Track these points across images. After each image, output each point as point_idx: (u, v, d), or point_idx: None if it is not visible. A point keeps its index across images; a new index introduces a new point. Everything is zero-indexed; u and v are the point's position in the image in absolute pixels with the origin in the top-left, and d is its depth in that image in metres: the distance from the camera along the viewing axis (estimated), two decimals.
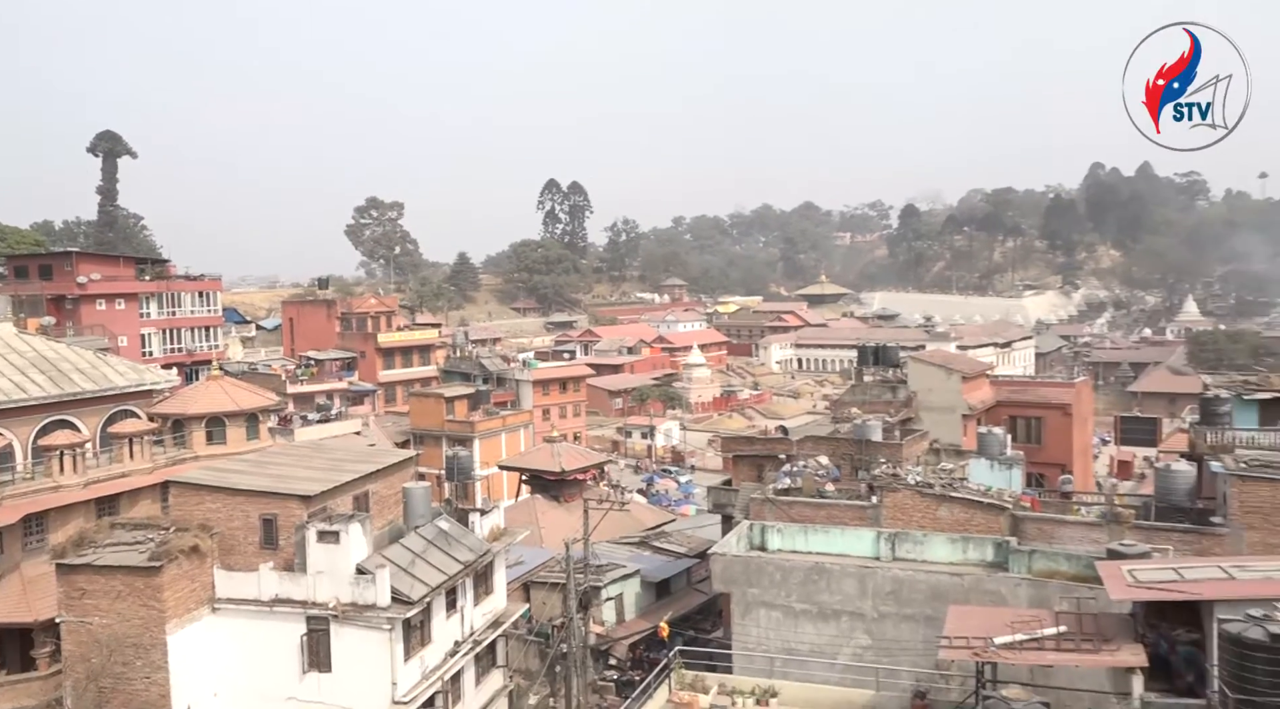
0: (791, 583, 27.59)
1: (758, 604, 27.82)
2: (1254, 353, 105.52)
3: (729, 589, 28.84)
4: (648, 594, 37.81)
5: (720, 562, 28.79)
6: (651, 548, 41.72)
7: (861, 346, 54.18)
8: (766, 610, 27.67)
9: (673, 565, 39.78)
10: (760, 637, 27.55)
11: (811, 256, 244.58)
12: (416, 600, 25.97)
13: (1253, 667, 15.84)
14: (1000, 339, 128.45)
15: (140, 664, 25.43)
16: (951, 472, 34.59)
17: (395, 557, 27.11)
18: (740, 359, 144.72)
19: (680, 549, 41.50)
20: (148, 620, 25.32)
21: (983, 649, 19.13)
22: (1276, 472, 28.05)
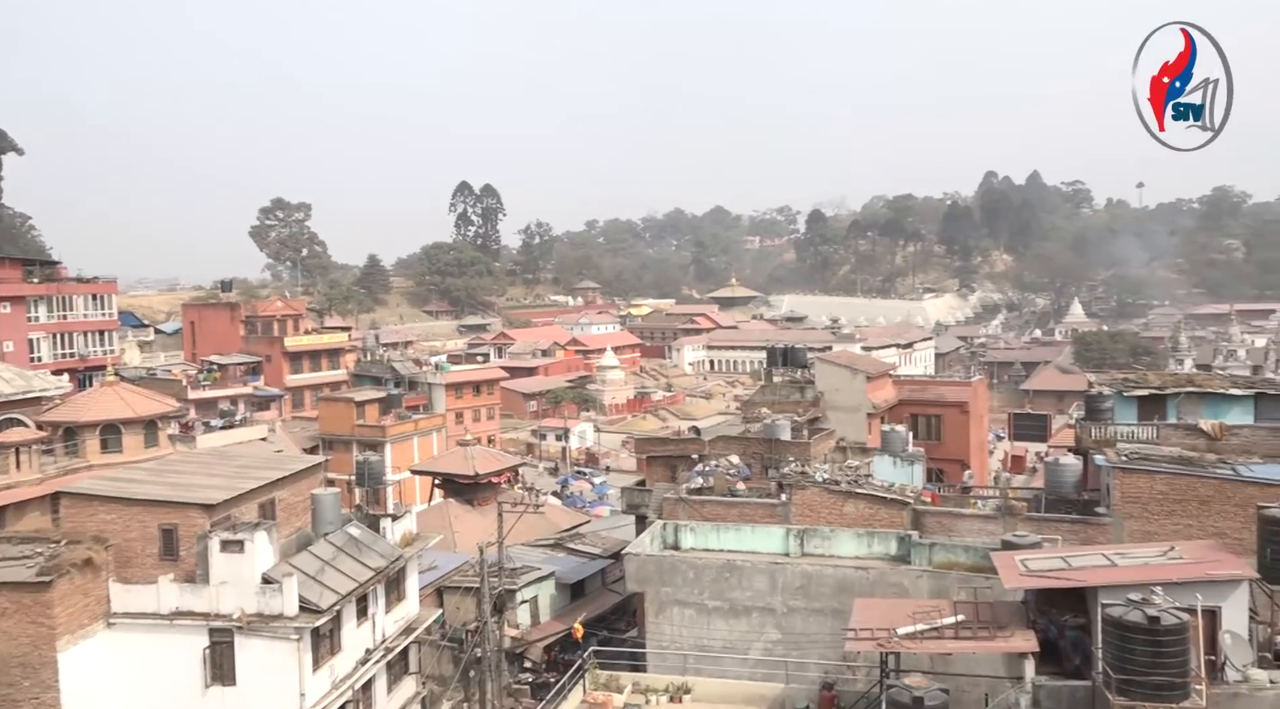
0: (704, 581, 28.08)
1: (671, 602, 28.22)
2: (1133, 352, 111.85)
3: (643, 588, 29.17)
4: (563, 596, 37.86)
5: (634, 561, 29.09)
6: (566, 550, 41.77)
7: (771, 348, 55.41)
8: (680, 608, 28.09)
9: (587, 566, 39.91)
10: (674, 634, 27.96)
11: (722, 260, 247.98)
12: (326, 609, 25.47)
13: (1133, 648, 16.93)
14: (902, 340, 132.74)
15: (28, 684, 24.23)
16: (857, 469, 35.71)
17: (303, 565, 26.53)
18: (653, 361, 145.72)
19: (595, 550, 41.66)
20: (36, 638, 24.13)
21: (886, 640, 19.90)
22: (1153, 464, 29.88)
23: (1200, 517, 28.46)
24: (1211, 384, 36.41)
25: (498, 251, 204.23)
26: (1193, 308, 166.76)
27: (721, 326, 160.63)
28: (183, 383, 69.02)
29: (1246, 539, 23.76)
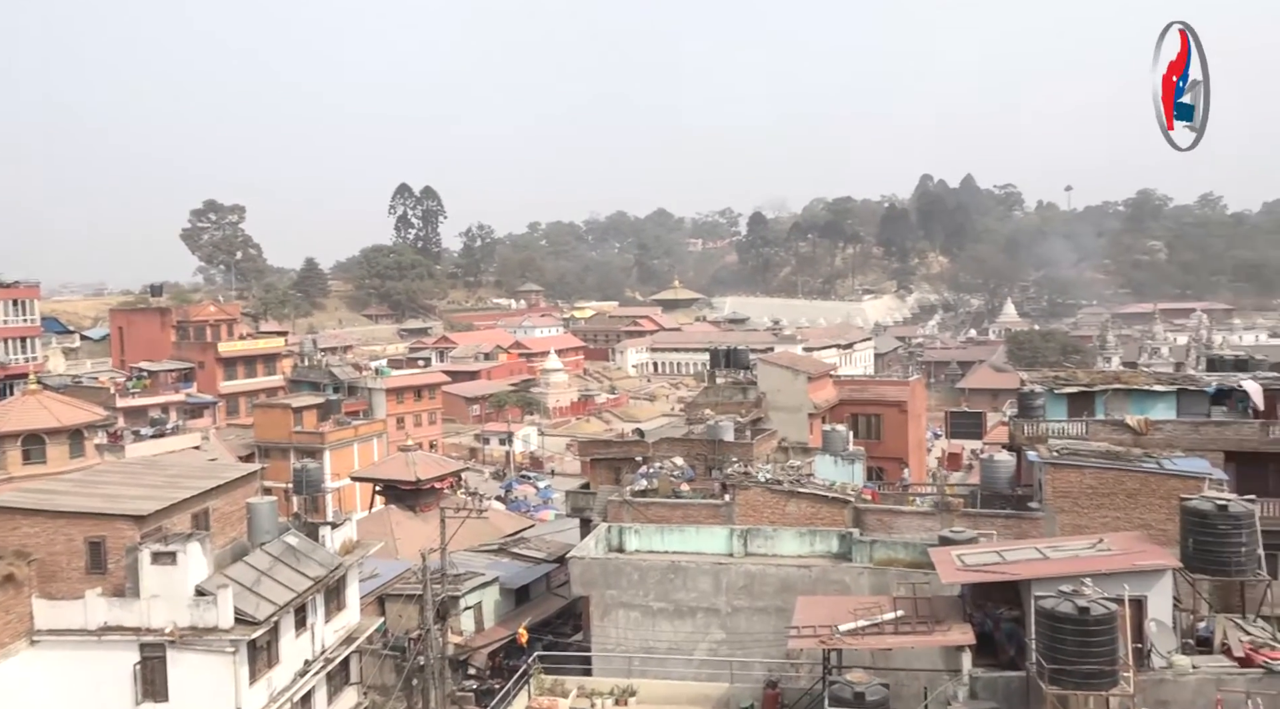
0: (649, 582, 28.13)
1: (616, 605, 28.20)
2: (1064, 351, 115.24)
3: (588, 592, 29.09)
4: (507, 601, 37.59)
5: (579, 565, 29.02)
6: (510, 554, 41.50)
7: (713, 350, 55.68)
8: (625, 611, 28.09)
9: (532, 571, 39.71)
10: (619, 637, 27.94)
11: (665, 262, 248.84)
12: (262, 620, 24.89)
13: (1064, 638, 17.42)
14: (842, 341, 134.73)
15: None
16: (799, 468, 36.14)
17: (239, 576, 25.90)
18: (597, 363, 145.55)
19: (539, 554, 41.47)
20: None
21: (828, 637, 20.16)
22: (1083, 459, 30.80)
23: (1127, 509, 29.41)
24: (1137, 381, 37.63)
25: (439, 254, 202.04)
26: (1119, 307, 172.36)
27: (665, 329, 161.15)
28: (111, 390, 66.83)
29: (1170, 530, 24.59)
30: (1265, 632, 20.28)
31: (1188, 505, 21.32)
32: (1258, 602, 21.26)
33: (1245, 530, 20.36)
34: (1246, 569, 20.49)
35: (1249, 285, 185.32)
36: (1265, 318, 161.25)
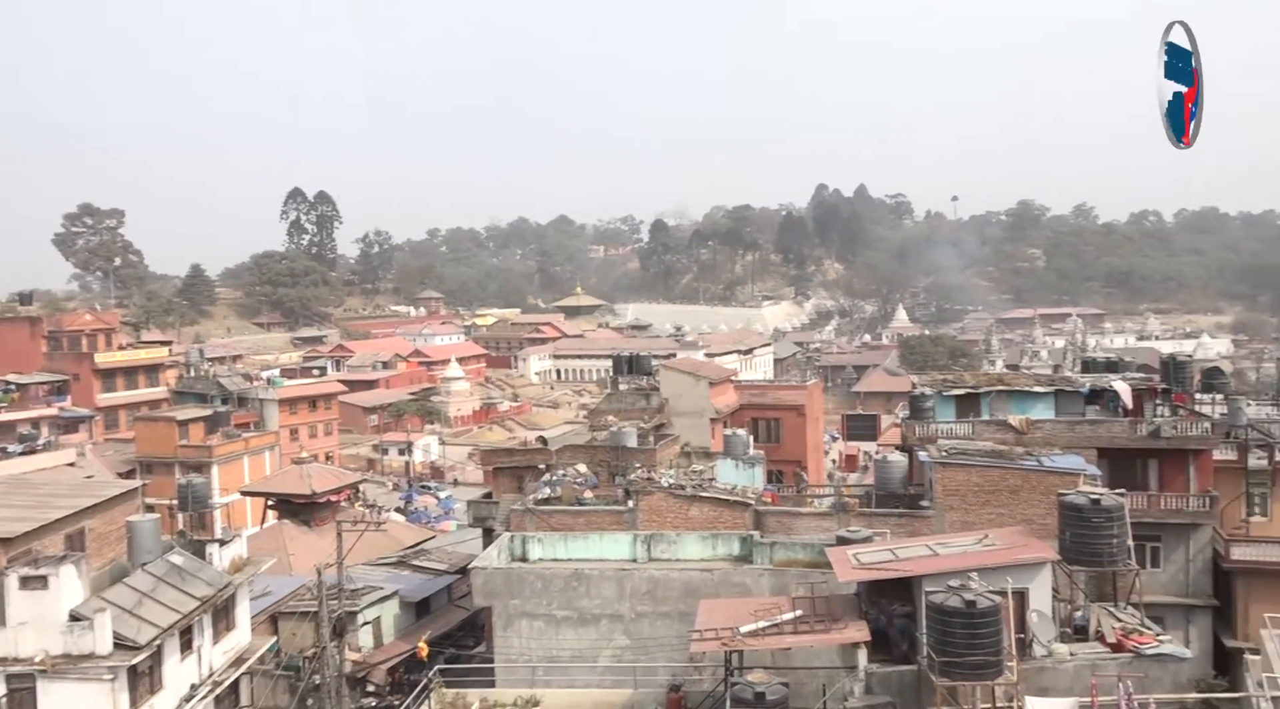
0: (553, 591, 27.96)
1: (519, 615, 27.93)
2: (952, 354, 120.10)
3: (490, 602, 28.73)
4: (407, 615, 36.76)
5: (481, 575, 28.63)
6: (411, 567, 40.61)
7: (616, 356, 55.83)
8: (528, 620, 27.84)
9: (433, 583, 38.95)
10: (522, 647, 27.68)
11: (567, 269, 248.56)
12: (144, 644, 23.68)
13: (953, 631, 18.10)
14: (743, 346, 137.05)
15: None
16: (701, 473, 36.52)
17: (118, 598, 24.58)
18: (499, 371, 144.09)
19: (441, 566, 40.72)
20: None
21: (730, 639, 20.43)
22: (969, 458, 32.10)
23: (1010, 505, 30.77)
24: (1018, 383, 39.45)
25: (334, 261, 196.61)
26: (1002, 313, 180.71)
27: (567, 336, 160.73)
28: None
29: (1050, 524, 25.82)
30: (1134, 618, 21.53)
31: (1065, 501, 22.46)
32: (1128, 590, 22.55)
33: (1117, 523, 21.57)
34: (1118, 560, 21.71)
35: (1119, 291, 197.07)
36: (1133, 322, 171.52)
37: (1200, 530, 33.36)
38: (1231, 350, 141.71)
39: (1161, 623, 27.56)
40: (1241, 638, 31.20)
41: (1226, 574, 32.84)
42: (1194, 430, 34.59)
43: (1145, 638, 20.20)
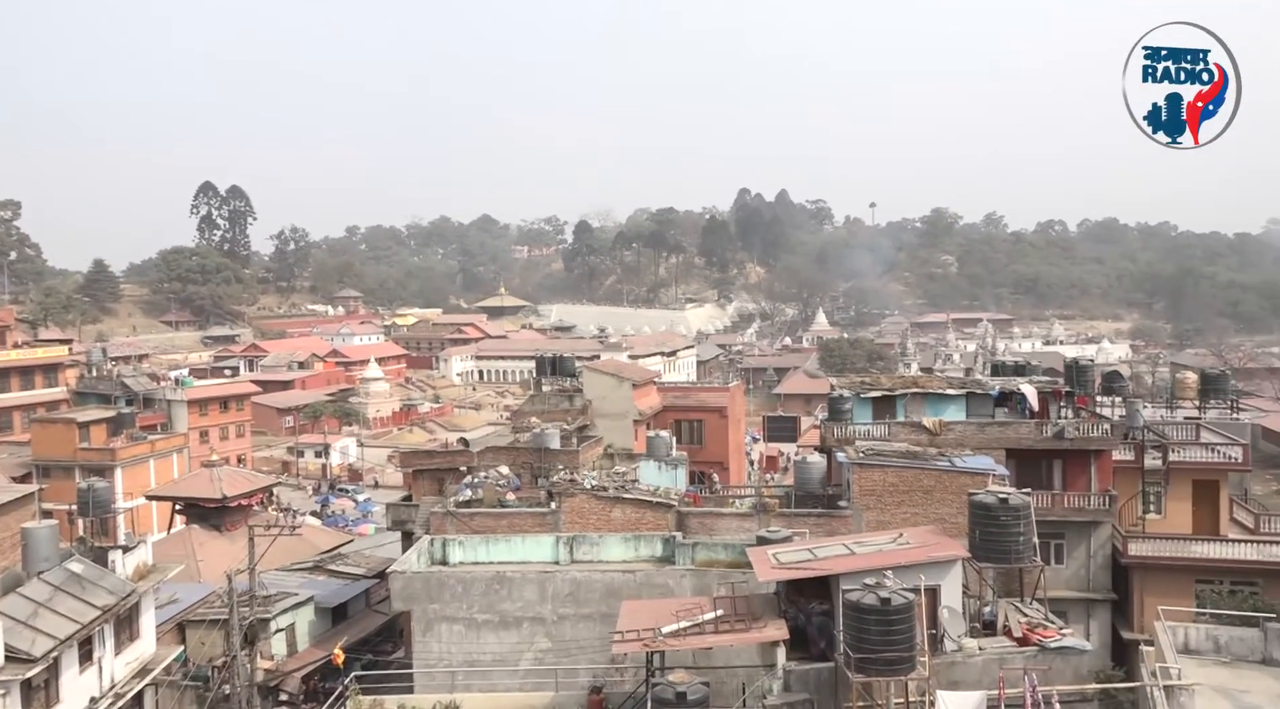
0: (473, 594, 27.65)
1: (439, 619, 27.54)
2: (869, 357, 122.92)
3: (409, 607, 28.26)
4: (323, 621, 35.90)
5: (400, 579, 28.14)
6: (327, 572, 39.70)
7: (540, 358, 55.50)
8: (449, 625, 27.47)
9: (350, 588, 38.14)
10: (442, 652, 27.30)
11: (490, 269, 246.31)
12: (39, 657, 22.61)
13: (868, 627, 18.51)
14: (666, 349, 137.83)
15: None
16: (624, 474, 36.62)
17: (11, 609, 23.42)
18: (420, 372, 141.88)
19: (358, 570, 39.92)
20: None
21: (651, 640, 20.52)
22: (885, 459, 32.91)
23: (924, 505, 31.66)
24: (932, 385, 40.61)
25: (247, 258, 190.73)
26: (917, 317, 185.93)
27: (490, 336, 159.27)
28: None
29: (961, 522, 26.65)
30: (1039, 613, 22.37)
31: (974, 500, 23.20)
32: (1034, 586, 23.42)
33: (1023, 522, 22.38)
34: (1024, 557, 22.53)
35: (1026, 297, 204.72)
36: (1039, 327, 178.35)
37: (1100, 528, 34.86)
38: (1130, 355, 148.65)
39: (1065, 617, 28.74)
40: (1137, 630, 32.71)
41: (1124, 569, 34.39)
42: (1095, 432, 36.11)
43: (1049, 632, 21.01)
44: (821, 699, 19.88)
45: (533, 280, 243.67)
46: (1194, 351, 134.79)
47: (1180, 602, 29.86)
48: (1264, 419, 78.91)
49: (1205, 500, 37.16)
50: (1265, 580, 32.47)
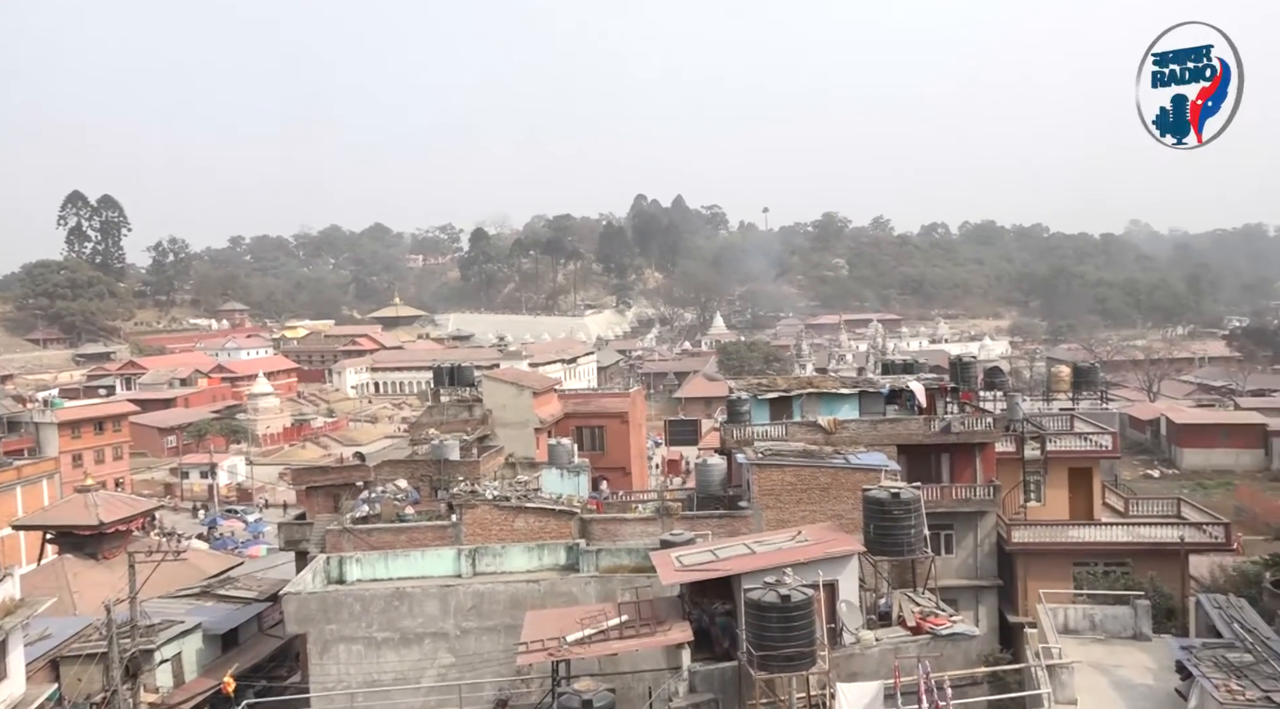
0: (372, 613, 26.92)
1: (337, 640, 26.69)
2: (766, 359, 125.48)
3: (305, 629, 27.30)
4: (212, 649, 34.30)
5: (294, 601, 27.16)
6: (215, 597, 37.93)
7: (437, 368, 54.48)
8: (347, 645, 26.66)
9: (240, 613, 36.54)
10: (340, 674, 26.47)
11: (384, 279, 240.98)
12: None
13: (769, 625, 18.84)
14: (567, 356, 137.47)
15: None
16: (526, 483, 36.28)
17: None
18: (312, 386, 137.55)
19: (249, 594, 38.29)
20: None
21: (556, 649, 20.39)
22: (783, 458, 33.57)
23: (821, 502, 32.40)
24: (826, 385, 41.64)
25: (123, 271, 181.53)
26: (811, 318, 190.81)
27: (385, 347, 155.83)
28: None
29: (857, 518, 27.39)
30: (931, 602, 23.21)
31: (868, 495, 23.91)
32: (925, 576, 24.28)
33: (914, 515, 23.18)
34: (916, 548, 23.34)
35: (913, 298, 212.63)
36: (926, 326, 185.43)
37: (986, 517, 36.41)
38: (1009, 351, 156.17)
39: (954, 604, 29.89)
40: (1022, 614, 34.26)
41: (1009, 556, 35.99)
42: (979, 426, 37.70)
43: (940, 620, 21.81)
44: (726, 698, 20.12)
45: (429, 289, 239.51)
46: (1067, 346, 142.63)
47: (1060, 584, 31.45)
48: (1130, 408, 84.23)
49: (1080, 487, 39.26)
50: (1135, 560, 34.49)
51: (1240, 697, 18.37)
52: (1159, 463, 76.40)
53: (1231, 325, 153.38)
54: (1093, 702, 19.93)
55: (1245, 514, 54.03)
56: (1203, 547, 35.63)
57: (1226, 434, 74.63)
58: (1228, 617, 23.32)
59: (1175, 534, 35.50)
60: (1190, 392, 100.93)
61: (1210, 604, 24.79)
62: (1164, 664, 21.83)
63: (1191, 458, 74.13)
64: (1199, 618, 25.04)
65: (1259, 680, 19.34)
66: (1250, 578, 33.84)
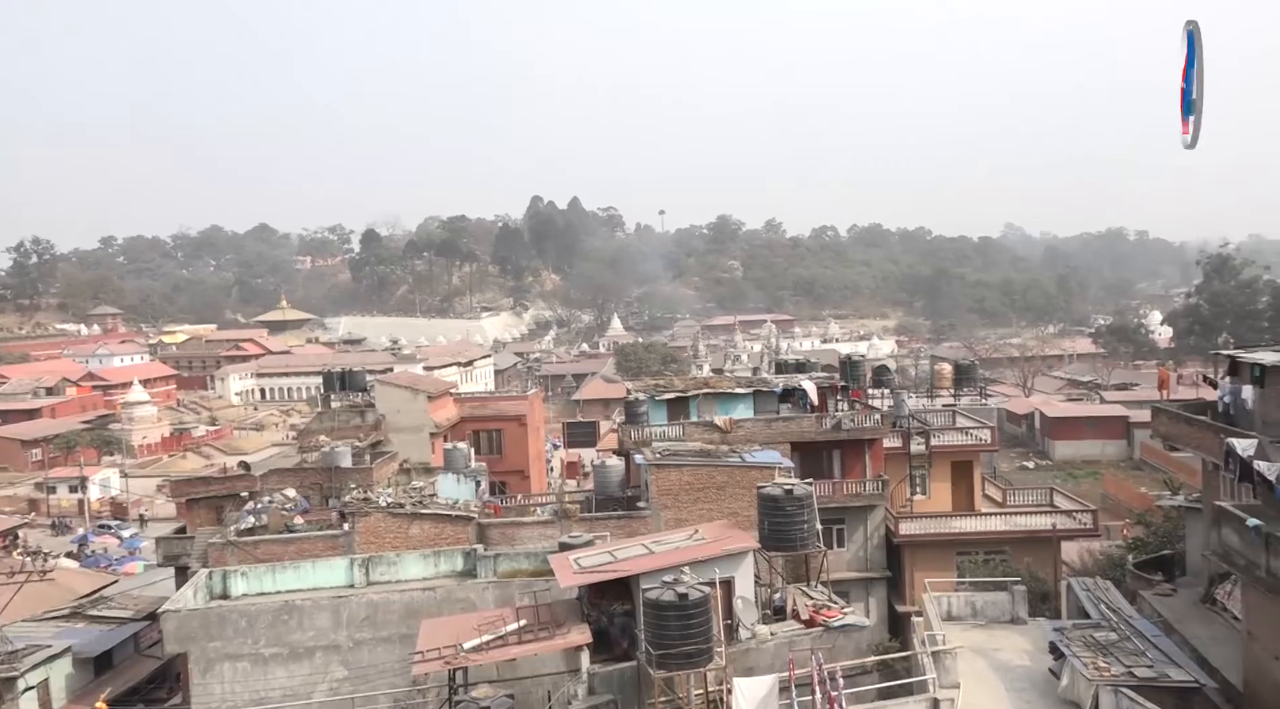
0: (259, 628, 25.93)
1: (221, 658, 25.61)
2: (664, 360, 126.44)
3: (186, 648, 26.07)
4: (83, 673, 32.37)
5: (173, 619, 25.91)
6: (86, 618, 35.87)
7: (327, 372, 52.94)
8: (231, 663, 25.60)
9: (115, 634, 34.65)
10: (225, 693, 25.41)
11: (271, 281, 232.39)
12: None
13: (667, 623, 19.01)
14: (463, 359, 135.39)
15: None
16: (422, 489, 35.62)
17: None
18: (194, 393, 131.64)
19: (124, 614, 36.37)
20: None
21: (453, 657, 20.07)
22: (680, 458, 33.94)
23: (718, 500, 32.88)
24: (722, 385, 42.33)
25: None
26: (707, 320, 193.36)
27: (272, 352, 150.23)
28: None
29: (753, 515, 27.91)
30: (824, 595, 23.85)
31: (762, 492, 24.40)
32: (818, 570, 24.93)
33: (807, 510, 23.77)
34: (809, 543, 23.94)
35: (805, 299, 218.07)
36: (818, 326, 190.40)
37: (875, 511, 37.65)
38: (895, 350, 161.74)
39: (846, 596, 30.81)
40: (909, 603, 35.58)
41: (897, 548, 37.33)
42: (868, 422, 38.96)
43: (833, 612, 22.44)
44: (625, 698, 20.20)
45: (318, 292, 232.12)
46: (949, 345, 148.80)
47: (945, 573, 32.82)
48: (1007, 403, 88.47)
49: (962, 479, 41.02)
50: (1013, 547, 36.26)
51: (1106, 673, 19.53)
52: (1034, 454, 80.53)
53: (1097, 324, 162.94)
54: (974, 685, 20.85)
55: (1111, 501, 57.52)
56: (1073, 533, 37.76)
57: (1093, 426, 79.31)
58: (1094, 598, 24.78)
59: (1048, 522, 37.51)
60: (1061, 387, 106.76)
61: (1079, 587, 26.31)
62: (1039, 646, 23.02)
63: (1062, 449, 78.43)
64: (1070, 600, 26.55)
65: (1122, 656, 20.63)
66: (1115, 561, 36.09)
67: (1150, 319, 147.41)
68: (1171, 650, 21.29)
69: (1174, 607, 25.29)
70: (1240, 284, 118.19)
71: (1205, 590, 25.24)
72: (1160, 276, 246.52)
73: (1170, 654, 20.98)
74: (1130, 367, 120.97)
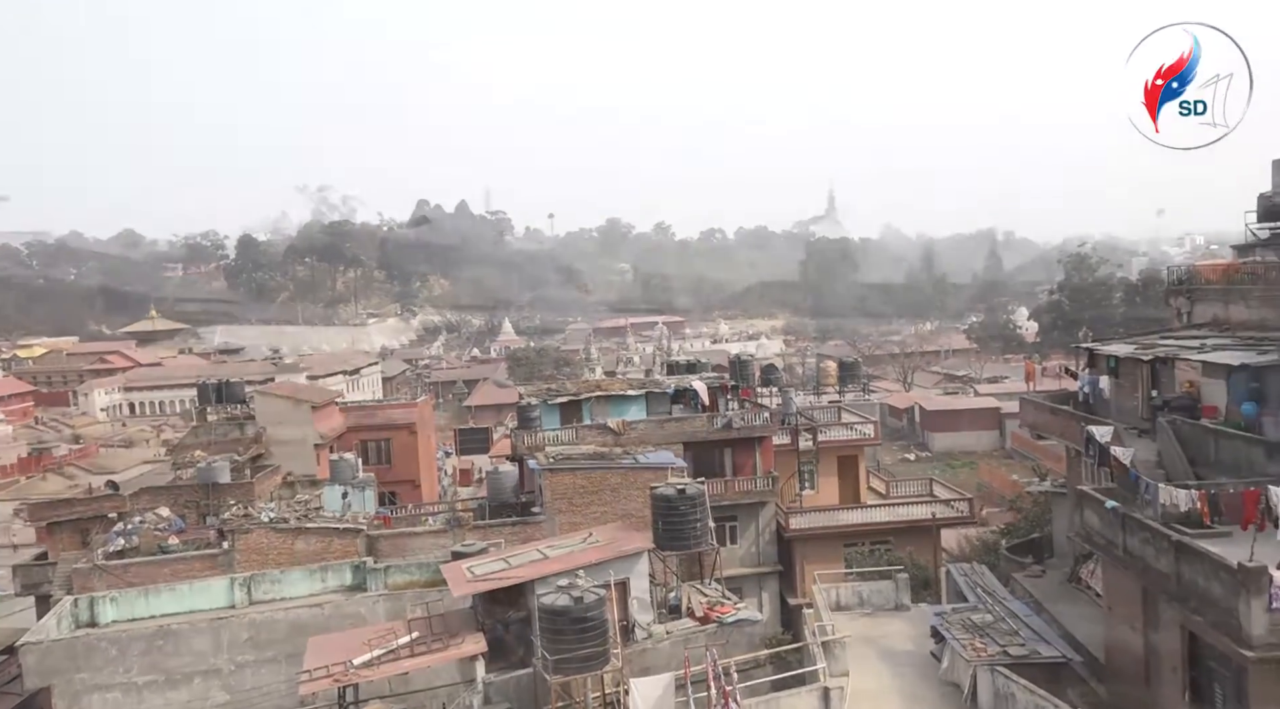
0: (132, 655, 24.62)
1: (89, 690, 24.19)
2: (556, 364, 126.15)
3: (49, 682, 24.49)
4: None
5: (34, 652, 24.30)
6: None
7: (203, 384, 50.55)
8: (101, 694, 24.22)
9: None
10: None
11: (138, 290, 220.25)
12: None
13: (563, 628, 18.93)
14: (349, 367, 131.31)
15: None
16: (307, 503, 34.43)
17: None
18: (54, 410, 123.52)
19: None
20: None
21: (342, 674, 19.48)
22: (574, 462, 33.87)
23: (612, 502, 32.89)
24: (614, 388, 42.39)
25: None
26: (599, 322, 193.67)
27: (141, 365, 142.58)
28: None
29: (647, 515, 28.08)
30: (717, 591, 24.23)
31: (655, 493, 24.60)
32: (712, 567, 25.30)
33: (699, 509, 24.09)
34: (702, 541, 24.26)
35: (694, 300, 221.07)
36: (708, 327, 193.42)
37: (766, 507, 38.46)
38: (783, 349, 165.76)
39: (740, 592, 31.32)
40: (801, 595, 36.44)
41: (788, 542, 38.22)
42: (757, 420, 39.77)
43: (726, 608, 22.82)
44: (522, 706, 20.02)
45: (191, 301, 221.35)
46: (834, 343, 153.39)
47: (833, 565, 33.78)
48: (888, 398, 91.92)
49: (848, 473, 42.37)
50: (896, 537, 37.67)
51: (983, 653, 20.50)
52: (914, 447, 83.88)
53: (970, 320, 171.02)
54: (862, 671, 21.55)
55: (986, 489, 60.46)
56: (951, 521, 39.49)
57: (968, 419, 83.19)
58: (971, 582, 25.99)
59: (928, 511, 39.12)
60: (938, 381, 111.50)
61: (957, 572, 27.55)
62: (921, 630, 23.99)
63: (941, 441, 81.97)
64: (949, 586, 27.78)
65: (998, 636, 21.70)
66: (990, 546, 37.95)
67: (1018, 315, 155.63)
68: (1042, 629, 22.52)
69: (1043, 587, 26.78)
70: (1096, 281, 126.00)
71: (1071, 570, 26.81)
72: (1025, 274, 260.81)
73: (1041, 632, 22.20)
74: (1001, 360, 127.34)
